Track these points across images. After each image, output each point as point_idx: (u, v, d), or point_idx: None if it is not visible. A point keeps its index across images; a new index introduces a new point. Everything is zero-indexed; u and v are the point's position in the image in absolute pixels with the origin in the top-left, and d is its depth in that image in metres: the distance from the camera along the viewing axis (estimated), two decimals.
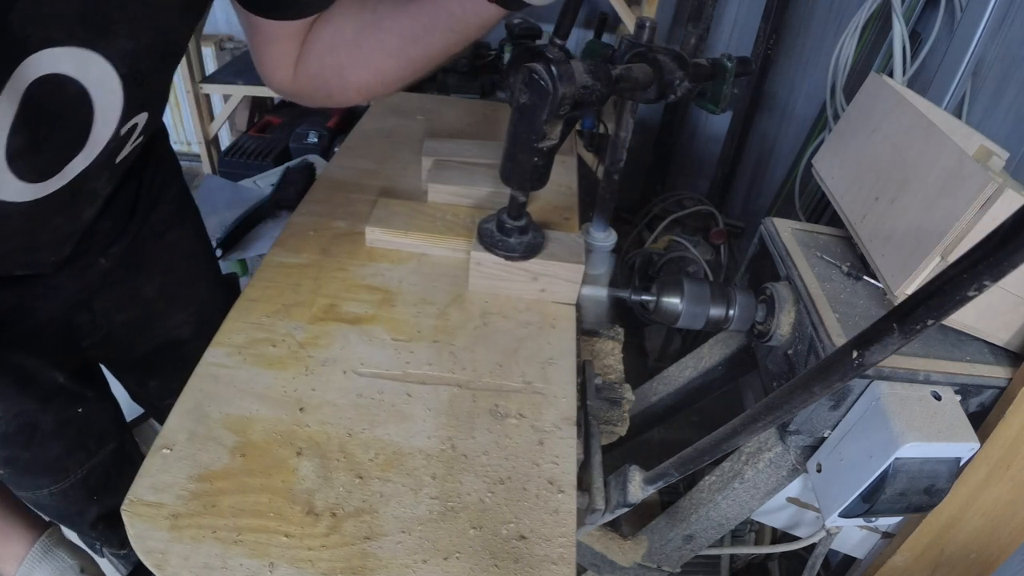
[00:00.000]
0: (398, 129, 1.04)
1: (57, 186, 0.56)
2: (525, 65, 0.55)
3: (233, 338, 0.63)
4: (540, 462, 0.55)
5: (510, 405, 0.60)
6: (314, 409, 0.57)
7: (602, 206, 0.82)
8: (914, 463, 0.71)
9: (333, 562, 0.46)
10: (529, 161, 0.61)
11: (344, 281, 0.71)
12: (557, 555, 0.48)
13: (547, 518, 0.51)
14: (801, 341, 0.80)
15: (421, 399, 0.59)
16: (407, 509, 0.50)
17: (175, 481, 0.50)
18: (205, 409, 0.56)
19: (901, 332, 0.32)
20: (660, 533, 0.98)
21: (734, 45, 2.27)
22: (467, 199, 0.82)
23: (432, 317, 0.68)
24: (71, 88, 0.49)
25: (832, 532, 0.87)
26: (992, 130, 1.24)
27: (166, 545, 0.46)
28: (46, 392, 0.79)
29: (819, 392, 0.39)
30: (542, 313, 0.71)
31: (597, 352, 0.86)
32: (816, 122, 1.83)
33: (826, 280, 0.86)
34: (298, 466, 0.52)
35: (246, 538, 0.47)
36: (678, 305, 0.87)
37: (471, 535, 0.49)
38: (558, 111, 0.57)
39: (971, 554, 0.89)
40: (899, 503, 0.73)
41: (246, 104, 2.36)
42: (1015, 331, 0.77)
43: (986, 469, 0.79)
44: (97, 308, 0.81)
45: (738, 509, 0.92)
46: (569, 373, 0.64)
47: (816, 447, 0.82)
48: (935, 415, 0.72)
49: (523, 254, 0.70)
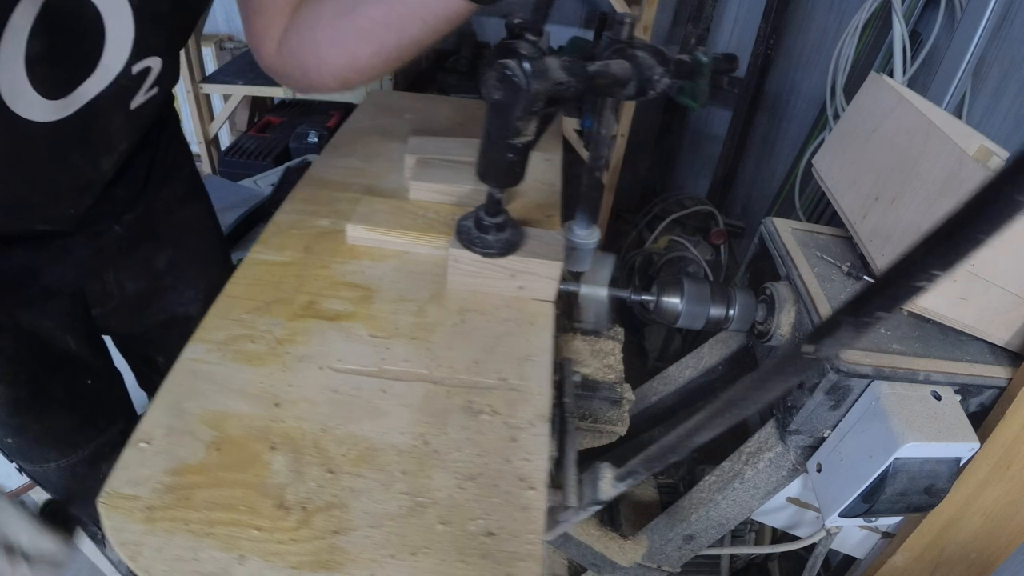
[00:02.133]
0: (386, 127, 1.05)
1: (72, 108, 0.59)
2: (498, 62, 0.55)
3: (213, 334, 0.64)
4: (512, 459, 0.55)
5: (484, 402, 0.60)
6: (290, 405, 0.58)
7: (585, 203, 0.82)
8: (914, 463, 0.71)
9: (302, 556, 0.47)
10: (504, 158, 0.61)
11: (326, 279, 0.72)
12: (525, 551, 0.49)
13: (517, 515, 0.51)
14: (801, 341, 0.80)
15: (396, 395, 0.59)
16: (377, 504, 0.51)
17: (152, 475, 0.51)
18: (183, 404, 0.56)
19: (853, 325, 0.32)
20: (660, 533, 0.98)
21: (734, 45, 2.27)
22: (449, 197, 0.83)
23: (411, 314, 0.68)
24: (87, 9, 0.54)
25: (832, 532, 0.87)
26: (992, 130, 1.24)
27: (140, 537, 0.47)
28: (57, 357, 0.80)
29: (776, 388, 0.39)
30: (520, 310, 0.71)
31: (597, 352, 0.86)
32: (816, 122, 1.83)
33: (826, 280, 0.86)
34: (272, 461, 0.53)
35: (218, 531, 0.48)
36: (678, 305, 0.87)
37: (439, 531, 0.49)
38: (531, 108, 0.56)
39: (971, 554, 0.89)
40: (899, 503, 0.73)
41: (246, 104, 2.36)
42: (1015, 331, 0.77)
43: (986, 469, 0.79)
44: (108, 277, 0.83)
45: (738, 509, 0.92)
46: (545, 370, 0.64)
47: (816, 447, 0.82)
48: (935, 415, 0.72)
49: (501, 251, 0.70)
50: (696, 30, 2.05)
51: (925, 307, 0.77)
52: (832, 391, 0.75)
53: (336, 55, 0.66)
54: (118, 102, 0.64)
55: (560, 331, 0.88)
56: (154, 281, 0.89)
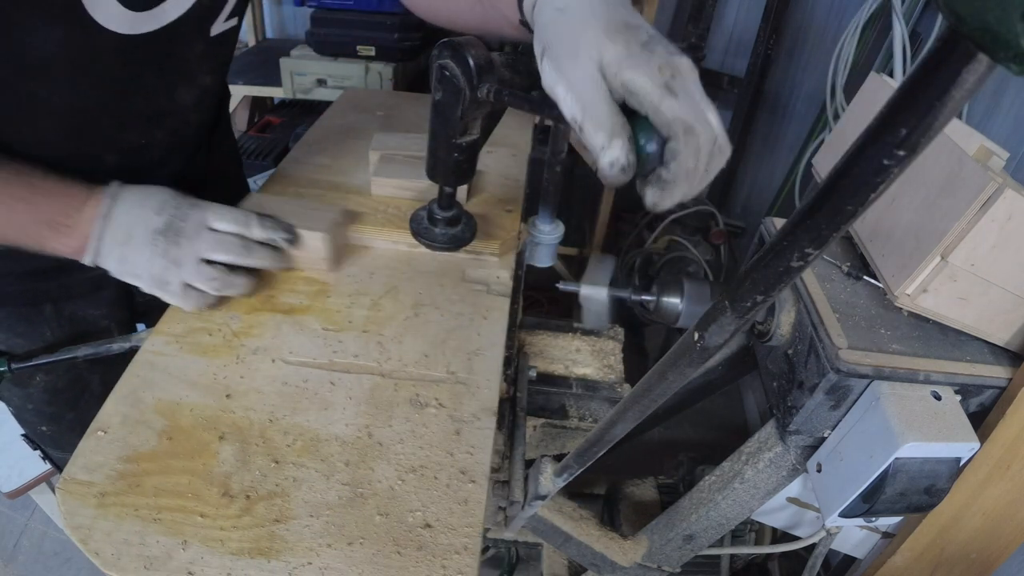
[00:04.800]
0: (357, 125, 1.06)
1: (153, 25, 0.59)
2: (438, 62, 0.55)
3: (173, 327, 0.65)
4: (455, 452, 0.56)
5: (431, 395, 0.61)
6: (240, 395, 0.59)
7: (546, 198, 0.82)
8: (914, 463, 0.71)
9: (242, 543, 0.48)
10: (450, 157, 0.61)
11: (284, 273, 0.73)
12: (461, 544, 0.49)
13: (455, 507, 0.52)
14: (801, 341, 0.80)
15: (344, 387, 0.60)
16: (317, 494, 0.52)
17: (106, 462, 0.52)
18: (140, 394, 0.58)
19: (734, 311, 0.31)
20: (660, 533, 0.98)
21: (734, 45, 2.27)
22: (409, 192, 0.83)
23: (365, 308, 0.69)
24: None
25: (832, 532, 0.87)
26: (992, 130, 1.24)
27: (92, 522, 0.49)
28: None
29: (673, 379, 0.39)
30: (475, 304, 0.71)
31: (597, 352, 0.86)
32: (816, 122, 1.83)
33: (826, 280, 0.86)
34: (219, 450, 0.54)
35: (164, 517, 0.49)
36: (678, 305, 0.87)
37: (377, 521, 0.50)
38: (475, 107, 0.56)
39: (971, 554, 0.89)
40: (899, 503, 0.73)
41: (246, 104, 2.36)
42: (1015, 331, 0.77)
43: (986, 469, 0.79)
44: None
45: (738, 509, 0.92)
46: (495, 364, 0.64)
47: (816, 447, 0.82)
48: (935, 415, 0.72)
49: (447, 245, 0.70)
50: (696, 30, 2.04)
51: (925, 307, 0.77)
52: (832, 391, 0.75)
53: None
54: (199, 26, 0.64)
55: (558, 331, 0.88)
56: None
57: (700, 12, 2.02)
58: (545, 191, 0.82)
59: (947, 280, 0.73)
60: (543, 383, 0.83)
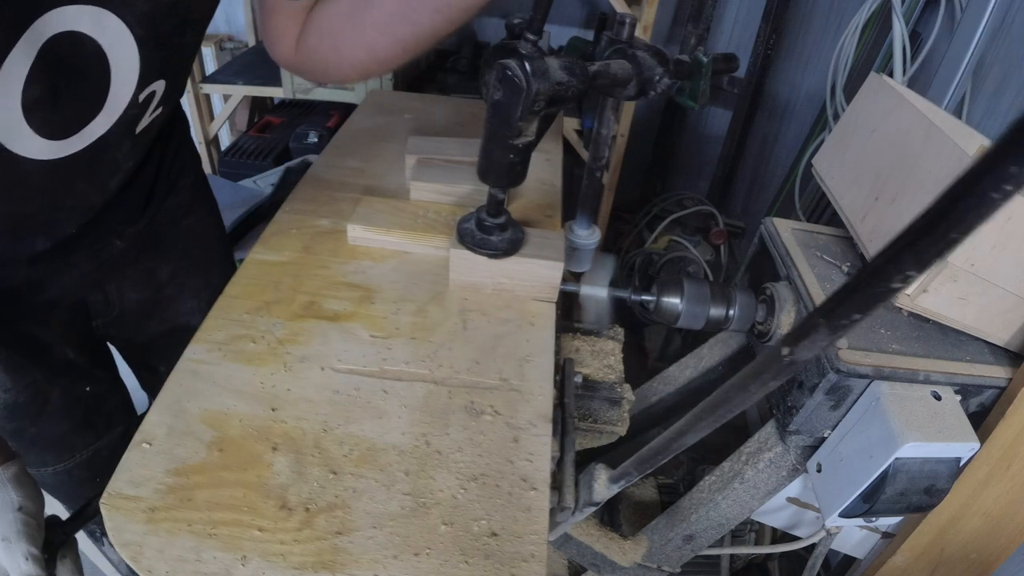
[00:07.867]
0: (386, 127, 1.05)
1: (78, 147, 0.58)
2: (498, 62, 0.55)
3: (214, 335, 0.64)
4: (514, 459, 0.55)
5: (486, 402, 0.60)
6: (290, 405, 0.57)
7: (585, 204, 0.82)
8: (914, 463, 0.71)
9: (304, 556, 0.47)
10: (505, 158, 0.61)
11: (325, 279, 0.72)
12: (528, 552, 0.49)
13: (519, 515, 0.51)
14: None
15: (397, 396, 0.59)
16: (379, 505, 0.51)
17: (153, 475, 0.51)
18: (184, 404, 0.56)
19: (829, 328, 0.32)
20: (660, 533, 0.98)
21: (734, 45, 2.27)
22: (449, 197, 0.83)
23: (411, 314, 0.68)
24: (89, 47, 0.51)
25: (832, 532, 0.87)
26: (992, 130, 1.24)
27: (142, 538, 0.47)
28: (56, 366, 0.80)
29: (755, 391, 0.39)
30: (521, 311, 0.71)
31: (597, 352, 0.86)
32: (816, 122, 1.83)
33: (826, 280, 0.86)
34: (273, 461, 0.53)
35: (220, 531, 0.48)
36: (678, 305, 0.87)
37: (442, 531, 0.49)
38: (532, 108, 0.56)
39: (971, 554, 0.89)
40: (899, 503, 0.73)
41: (246, 104, 2.35)
42: (1015, 331, 0.77)
43: (986, 469, 0.79)
44: (110, 288, 0.82)
45: (738, 509, 0.92)
46: (546, 370, 0.64)
47: (816, 447, 0.82)
48: (935, 415, 0.72)
49: (502, 252, 0.70)
50: (696, 30, 2.05)
51: (925, 307, 0.77)
52: (832, 391, 0.75)
53: (355, 50, 0.67)
54: (125, 130, 0.63)
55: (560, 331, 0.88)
56: (156, 292, 0.88)
57: (700, 12, 2.02)
58: (584, 196, 0.82)
59: (947, 280, 0.73)
60: None
